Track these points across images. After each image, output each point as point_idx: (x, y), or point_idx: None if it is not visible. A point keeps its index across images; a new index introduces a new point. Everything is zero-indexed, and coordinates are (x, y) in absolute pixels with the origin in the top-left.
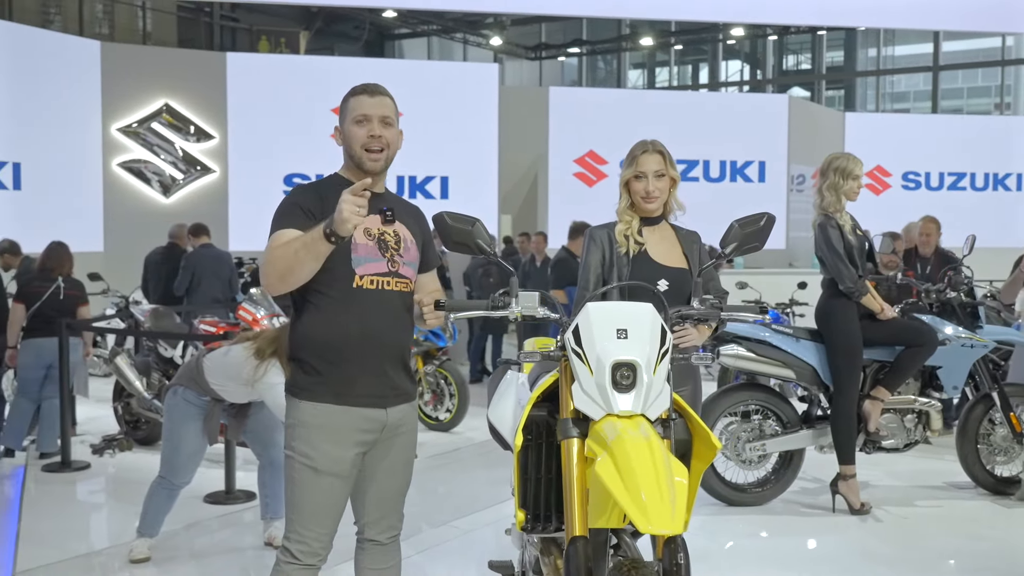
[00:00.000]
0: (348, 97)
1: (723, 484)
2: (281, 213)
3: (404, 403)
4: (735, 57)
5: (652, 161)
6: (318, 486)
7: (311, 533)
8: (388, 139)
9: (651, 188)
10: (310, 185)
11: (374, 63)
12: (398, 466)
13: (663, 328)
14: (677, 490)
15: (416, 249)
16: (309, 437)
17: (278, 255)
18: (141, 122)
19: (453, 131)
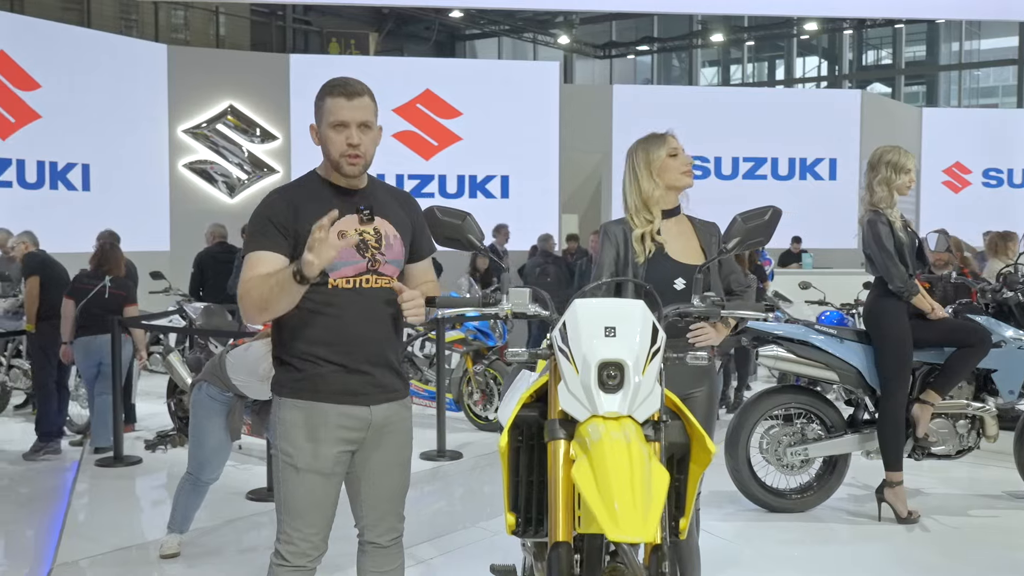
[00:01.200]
0: (324, 95)
1: (763, 489)
2: (254, 230)
3: (391, 401)
4: (812, 53)
5: (673, 139)
6: (301, 484)
7: (298, 533)
8: (366, 146)
9: (687, 159)
10: (284, 191)
11: (434, 63)
12: (392, 467)
13: (654, 326)
14: (654, 497)
15: (401, 244)
16: (289, 435)
17: (255, 292)
18: (206, 124)
19: (514, 130)
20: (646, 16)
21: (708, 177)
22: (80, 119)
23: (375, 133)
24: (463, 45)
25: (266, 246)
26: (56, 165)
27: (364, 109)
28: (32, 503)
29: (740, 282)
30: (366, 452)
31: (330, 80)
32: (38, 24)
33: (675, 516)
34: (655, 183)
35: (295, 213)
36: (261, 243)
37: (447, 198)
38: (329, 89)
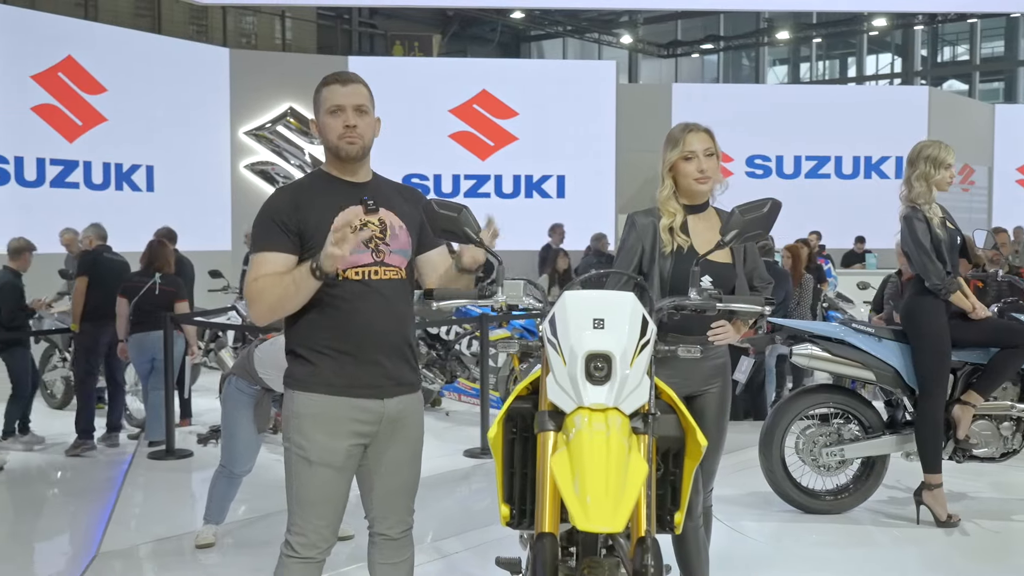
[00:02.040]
0: (321, 87)
1: (798, 490)
2: (259, 231)
3: (404, 394)
4: (885, 50)
5: (700, 139)
6: (313, 477)
7: (309, 525)
8: (363, 128)
9: (704, 167)
10: (288, 189)
11: (490, 63)
12: (404, 460)
13: (644, 318)
14: (628, 489)
15: (407, 234)
16: (303, 428)
17: (267, 291)
18: (268, 125)
19: (570, 130)
20: (712, 14)
21: (769, 176)
22: (145, 122)
23: (372, 119)
24: (528, 46)
25: (271, 247)
26: (121, 167)
27: (359, 95)
28: (86, 493)
29: (763, 278)
30: (380, 446)
31: (327, 75)
32: (106, 30)
33: (671, 510)
34: (665, 184)
35: (297, 208)
36: (266, 244)
37: (503, 198)
38: (324, 80)
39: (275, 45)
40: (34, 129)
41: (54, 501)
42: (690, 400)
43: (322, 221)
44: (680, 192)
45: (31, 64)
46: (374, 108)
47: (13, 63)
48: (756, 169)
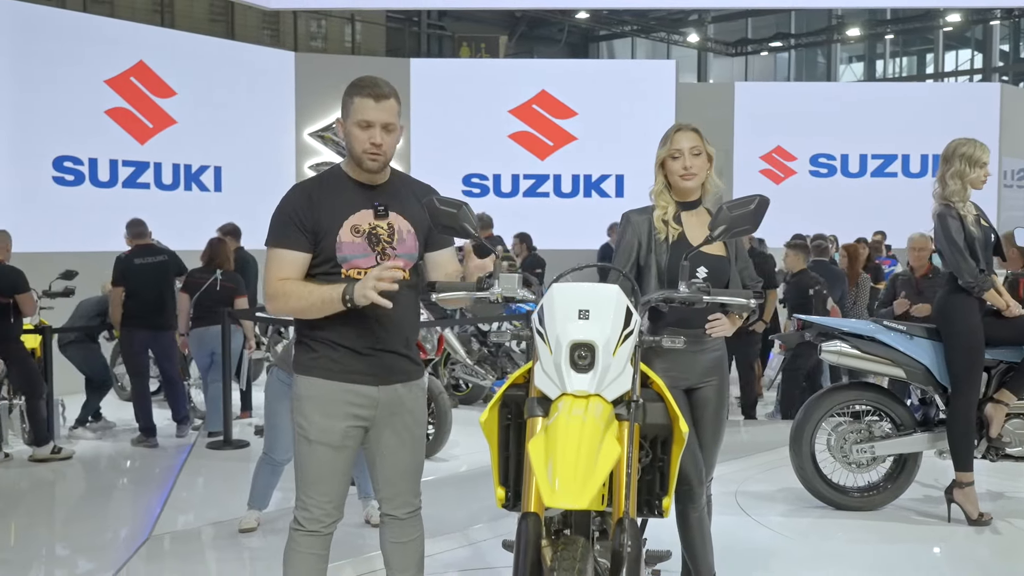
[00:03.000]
0: (353, 94)
1: (828, 486)
2: (276, 226)
3: (400, 383)
4: (964, 45)
5: (687, 138)
6: (312, 455)
7: (311, 500)
8: (388, 146)
9: (688, 164)
10: (305, 186)
11: (550, 63)
12: (404, 445)
13: (628, 310)
14: (597, 469)
15: (415, 238)
16: (304, 409)
17: (292, 296)
18: (330, 126)
19: (629, 129)
20: (783, 12)
21: (834, 175)
22: (213, 124)
23: (397, 134)
24: (596, 46)
25: (287, 244)
26: (190, 168)
27: (389, 111)
28: (147, 480)
29: (752, 277)
30: (378, 430)
31: (360, 79)
32: (176, 36)
33: (659, 495)
34: (657, 179)
35: (312, 204)
36: (282, 241)
37: (561, 197)
38: (358, 89)
39: (344, 48)
40: (107, 132)
41: (117, 486)
42: (689, 394)
43: (335, 221)
44: (672, 189)
45: (105, 69)
46: (399, 118)
47: (88, 68)
48: (820, 168)
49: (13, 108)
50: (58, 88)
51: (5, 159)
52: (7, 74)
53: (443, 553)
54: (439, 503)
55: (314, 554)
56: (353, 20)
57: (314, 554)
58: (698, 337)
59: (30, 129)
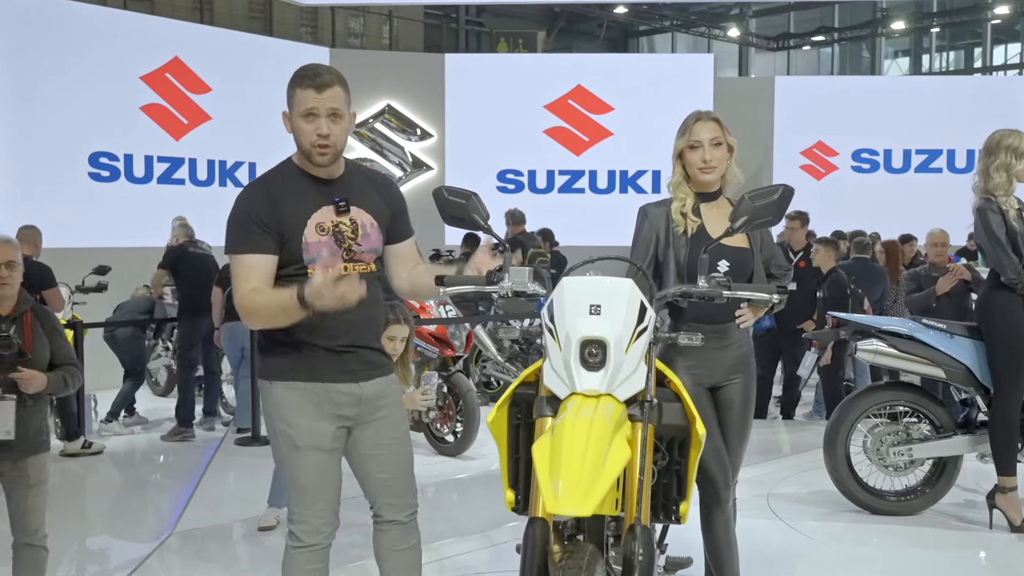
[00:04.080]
0: (295, 86)
1: (864, 490)
2: (237, 231)
3: (379, 376)
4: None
5: (707, 128)
6: (304, 461)
7: (309, 510)
8: (336, 136)
9: (708, 156)
10: (261, 183)
11: (585, 58)
12: (392, 439)
13: (642, 305)
14: (604, 474)
15: (378, 231)
16: (286, 416)
17: (260, 311)
18: (366, 122)
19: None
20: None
21: (876, 171)
22: (248, 120)
23: (346, 122)
24: (635, 41)
25: (252, 247)
26: (225, 164)
27: (334, 98)
28: (175, 475)
29: (780, 265)
30: (363, 429)
31: (301, 69)
32: (211, 32)
33: (676, 500)
34: (675, 171)
35: (273, 203)
36: (247, 245)
37: (597, 193)
38: (299, 79)
39: (383, 45)
40: (142, 128)
41: (145, 481)
42: (714, 392)
43: (299, 220)
44: (690, 180)
45: (140, 65)
46: (350, 104)
47: (123, 64)
48: (863, 164)
49: (49, 104)
50: (94, 84)
51: (41, 154)
52: (44, 70)
53: (464, 555)
54: (464, 503)
55: (317, 569)
56: (391, 17)
57: (317, 569)
58: (722, 333)
59: (66, 125)
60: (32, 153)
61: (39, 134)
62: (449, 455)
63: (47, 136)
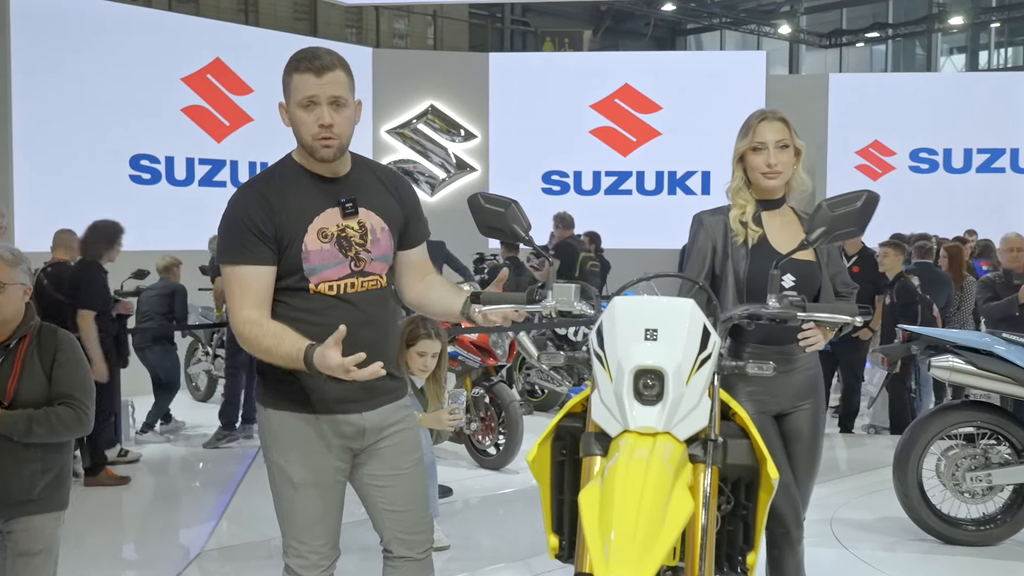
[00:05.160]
0: (291, 71)
1: (937, 518)
2: (231, 239)
3: (385, 404)
4: None
5: (772, 129)
6: (300, 499)
7: (305, 546)
8: (340, 126)
9: (772, 161)
10: (255, 185)
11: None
12: (403, 469)
13: (705, 329)
14: (664, 532)
15: (389, 236)
16: (281, 448)
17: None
18: (409, 123)
19: (716, 124)
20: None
21: (936, 171)
22: None
23: (351, 111)
24: (684, 40)
25: (248, 258)
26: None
27: (336, 84)
28: (208, 486)
29: (846, 283)
30: (371, 460)
31: (297, 52)
32: (254, 33)
33: (743, 549)
34: (735, 175)
35: (270, 207)
36: (242, 255)
37: (645, 195)
38: (295, 64)
39: (427, 45)
40: (184, 130)
41: (178, 492)
42: (781, 419)
43: (299, 225)
44: (751, 186)
45: (182, 67)
46: (354, 92)
47: (165, 66)
48: (921, 164)
49: (91, 106)
50: (135, 86)
51: (83, 157)
52: (85, 72)
53: None
54: (506, 521)
55: None
56: (435, 17)
57: None
58: (788, 355)
59: (108, 127)
60: (73, 155)
61: (81, 136)
62: (491, 468)
63: (88, 138)
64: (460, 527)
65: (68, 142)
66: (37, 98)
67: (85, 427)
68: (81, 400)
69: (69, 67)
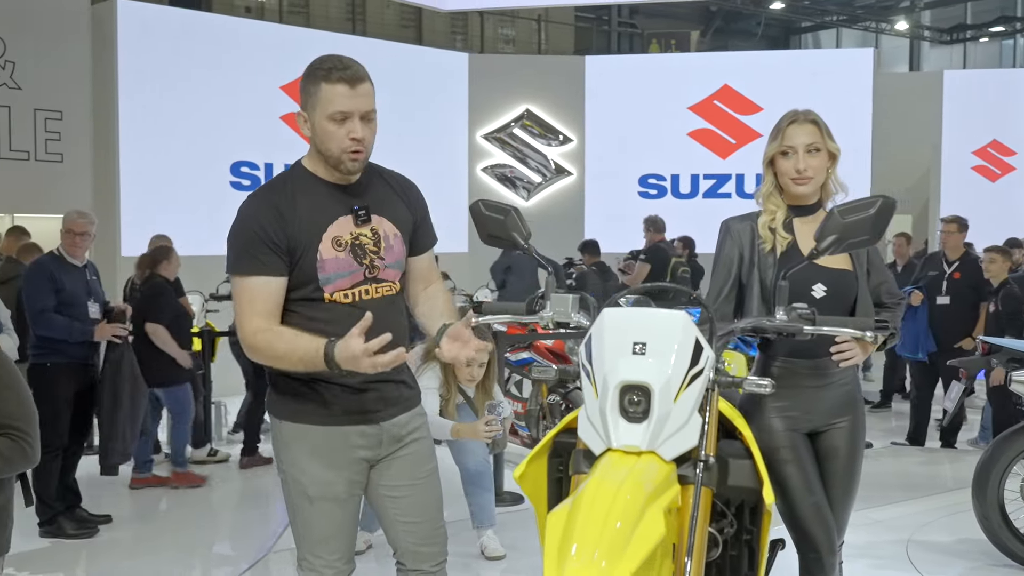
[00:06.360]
0: (319, 80)
1: (1018, 541)
2: (241, 248)
3: (401, 413)
4: None
5: (803, 132)
6: (315, 512)
7: (319, 560)
8: (369, 139)
9: (802, 166)
10: (265, 195)
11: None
12: (417, 480)
13: (697, 343)
14: (626, 558)
15: (401, 243)
16: (296, 461)
17: (270, 352)
18: (506, 127)
19: None
20: None
21: None
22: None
23: (375, 124)
24: (798, 38)
25: (259, 269)
26: None
27: (366, 97)
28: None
29: (893, 293)
30: (384, 469)
31: (324, 60)
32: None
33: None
34: (766, 179)
35: (282, 217)
36: (252, 266)
37: (744, 198)
38: (324, 73)
39: (533, 50)
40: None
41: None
42: (815, 437)
43: (313, 234)
44: (783, 191)
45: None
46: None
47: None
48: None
49: (193, 115)
50: (236, 94)
51: (184, 163)
52: (192, 81)
53: None
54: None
55: None
56: (540, 21)
57: None
58: (822, 370)
59: (208, 135)
60: (175, 162)
61: (183, 143)
62: None
63: (191, 146)
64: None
65: (170, 149)
66: (142, 108)
67: (31, 460)
68: (22, 430)
69: (176, 77)
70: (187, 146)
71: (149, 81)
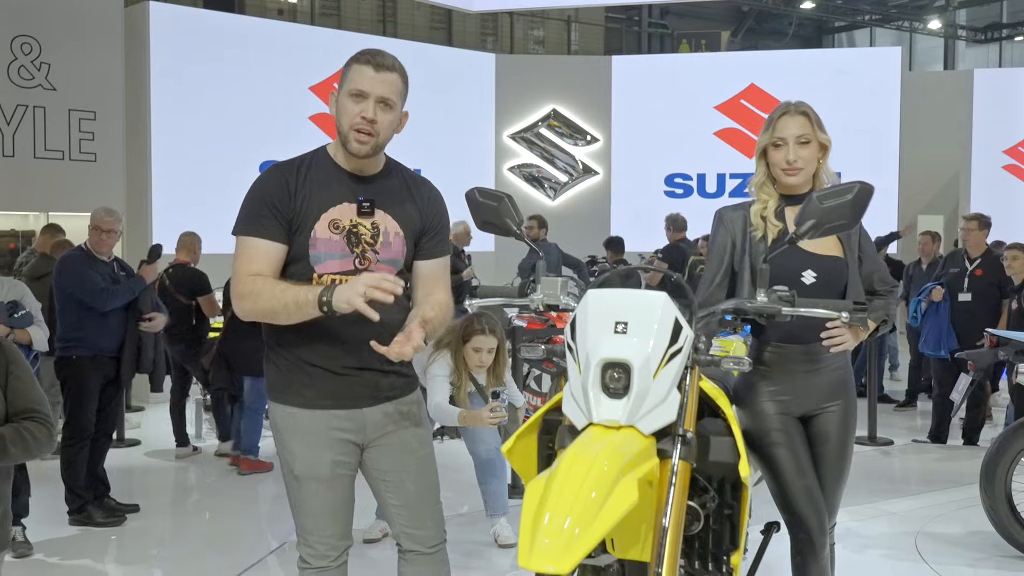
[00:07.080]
0: (353, 63)
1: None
2: (249, 211)
3: (387, 401)
4: None
5: (794, 124)
6: (304, 490)
7: (312, 536)
8: (381, 125)
9: (792, 157)
10: (284, 171)
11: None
12: (407, 465)
13: (676, 323)
14: (596, 525)
15: (402, 242)
16: (285, 441)
17: (262, 297)
18: (533, 126)
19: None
20: None
21: None
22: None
23: (396, 116)
24: (830, 38)
25: (261, 232)
26: None
27: (389, 84)
28: None
29: (885, 280)
30: (376, 454)
31: (364, 49)
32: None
33: (728, 549)
34: (758, 170)
35: (291, 194)
36: (255, 228)
37: None
38: (358, 56)
39: (563, 51)
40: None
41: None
42: (807, 421)
43: (312, 212)
44: (775, 182)
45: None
46: (404, 102)
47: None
48: None
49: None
50: (267, 96)
51: (217, 164)
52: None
53: None
54: None
55: None
56: (570, 22)
57: None
58: (813, 355)
59: (238, 134)
60: (206, 161)
61: (213, 143)
62: None
63: (221, 145)
64: None
65: (199, 148)
66: (174, 108)
67: (54, 441)
68: (46, 414)
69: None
70: (217, 146)
71: (181, 82)
